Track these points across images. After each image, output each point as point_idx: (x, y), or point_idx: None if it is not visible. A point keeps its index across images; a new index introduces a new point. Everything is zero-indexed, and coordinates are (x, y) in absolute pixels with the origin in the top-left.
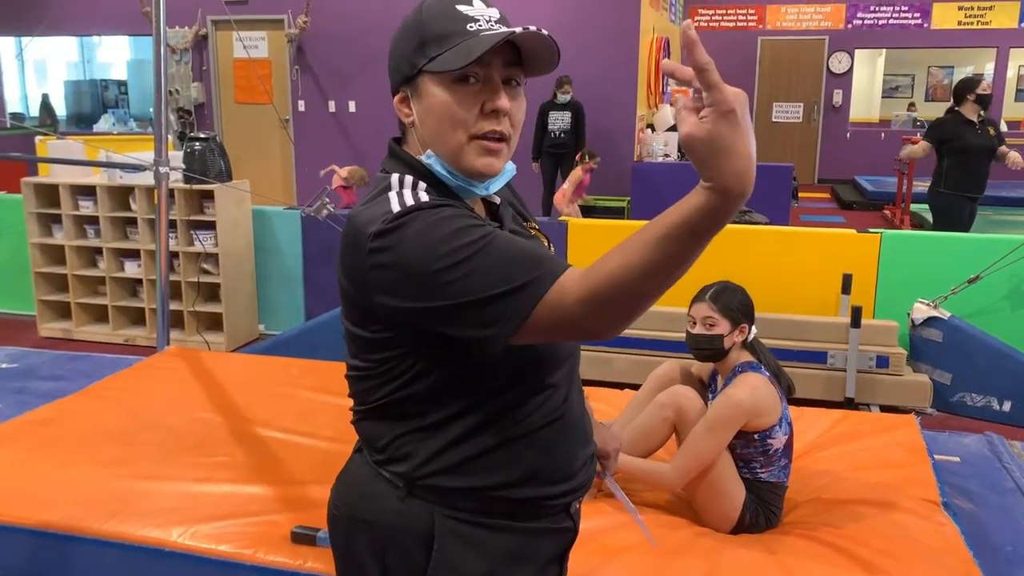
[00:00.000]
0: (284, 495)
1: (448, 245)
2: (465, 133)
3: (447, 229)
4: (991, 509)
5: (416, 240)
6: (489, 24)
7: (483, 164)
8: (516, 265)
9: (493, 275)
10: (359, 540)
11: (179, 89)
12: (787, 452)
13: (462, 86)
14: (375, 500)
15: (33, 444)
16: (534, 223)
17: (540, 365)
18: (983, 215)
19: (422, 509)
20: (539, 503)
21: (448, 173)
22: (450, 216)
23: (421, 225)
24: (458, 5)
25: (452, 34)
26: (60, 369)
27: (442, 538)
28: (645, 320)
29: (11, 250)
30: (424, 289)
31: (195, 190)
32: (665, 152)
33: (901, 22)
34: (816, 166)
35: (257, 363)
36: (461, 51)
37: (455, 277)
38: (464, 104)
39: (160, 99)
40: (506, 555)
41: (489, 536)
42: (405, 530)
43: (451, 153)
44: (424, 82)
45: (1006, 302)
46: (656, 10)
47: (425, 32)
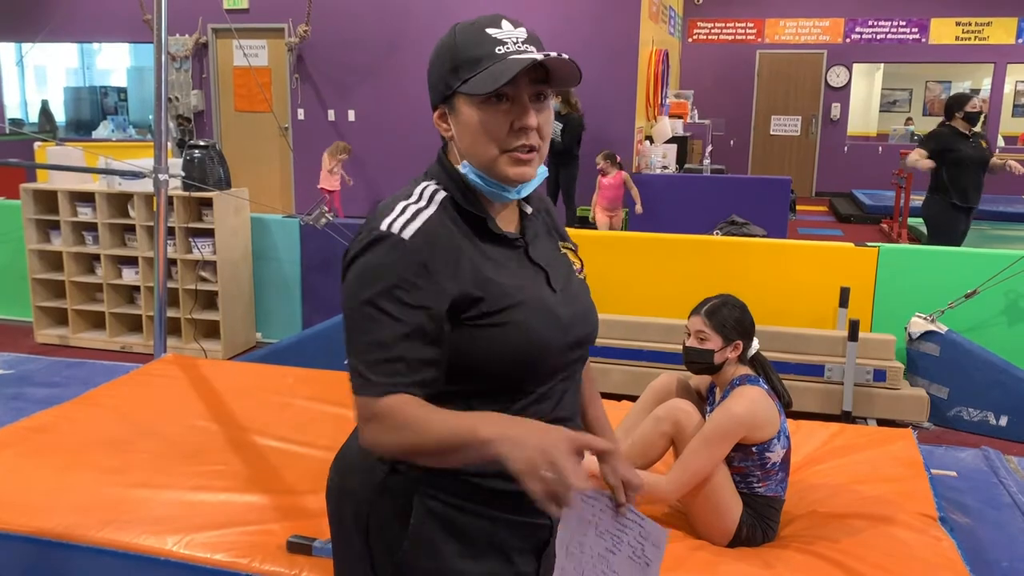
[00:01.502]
0: (280, 504)
1: (362, 294)
2: (497, 148)
3: (381, 281)
4: (988, 524)
5: (365, 272)
6: (517, 45)
7: (516, 173)
8: (380, 352)
9: (365, 347)
10: (346, 510)
11: (179, 96)
12: (784, 466)
13: (493, 106)
14: (362, 474)
15: (29, 451)
16: (569, 244)
17: (523, 379)
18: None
19: (402, 487)
20: (514, 496)
21: (482, 181)
22: (394, 275)
23: (375, 260)
24: (488, 28)
25: (482, 57)
26: (56, 376)
27: (419, 516)
28: (643, 332)
29: (9, 256)
30: (345, 304)
31: (194, 197)
32: (663, 164)
33: (899, 37)
34: (814, 179)
35: (254, 371)
36: (491, 75)
37: (351, 320)
38: (495, 122)
39: (160, 106)
40: (480, 541)
41: (465, 520)
42: (385, 505)
43: (486, 165)
44: (459, 102)
45: (1003, 317)
46: (656, 23)
47: (458, 56)
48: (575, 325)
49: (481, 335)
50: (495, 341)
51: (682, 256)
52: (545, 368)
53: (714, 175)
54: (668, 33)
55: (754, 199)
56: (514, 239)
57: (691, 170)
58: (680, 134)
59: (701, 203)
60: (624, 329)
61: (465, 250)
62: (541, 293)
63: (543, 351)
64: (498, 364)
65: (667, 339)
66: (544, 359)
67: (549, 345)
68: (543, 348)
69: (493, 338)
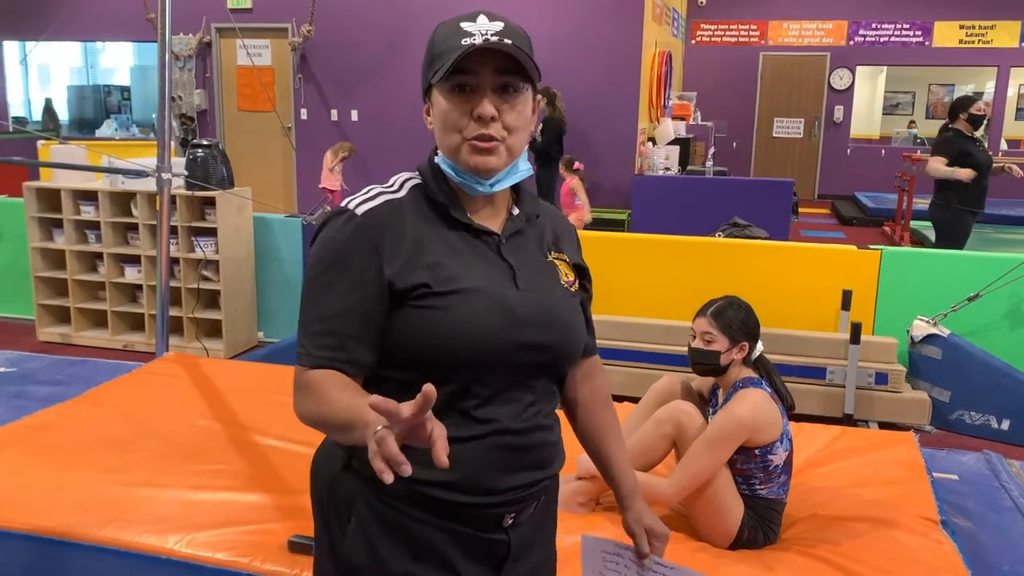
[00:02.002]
0: (281, 503)
1: (316, 267)
2: (459, 136)
3: (326, 254)
4: (989, 527)
5: (318, 245)
6: (486, 36)
7: (475, 162)
8: (317, 326)
9: (307, 319)
10: (314, 493)
11: (182, 95)
12: (787, 468)
13: (456, 95)
14: (327, 462)
15: (30, 449)
16: (564, 255)
17: (456, 368)
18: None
19: (352, 482)
20: (460, 508)
21: (453, 171)
22: (339, 246)
23: (324, 233)
24: (463, 23)
25: (450, 50)
26: (59, 374)
27: (361, 513)
28: (645, 333)
29: (11, 254)
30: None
31: (197, 196)
32: (666, 165)
33: (903, 40)
34: (816, 182)
35: (256, 370)
36: (446, 63)
37: (304, 290)
38: (456, 111)
39: (163, 105)
40: (423, 548)
41: (409, 525)
42: (338, 496)
43: (451, 154)
44: (434, 93)
45: (1006, 320)
46: (659, 24)
47: (433, 50)
48: (533, 327)
49: (421, 317)
50: (432, 325)
51: (684, 258)
52: (484, 363)
53: (717, 177)
54: (671, 35)
55: (756, 201)
56: (484, 230)
57: (694, 172)
58: (683, 136)
59: (703, 205)
60: (626, 330)
61: (422, 234)
62: (498, 287)
63: (481, 343)
64: (434, 350)
65: (669, 340)
66: (482, 352)
67: (490, 337)
68: (482, 339)
69: (431, 321)
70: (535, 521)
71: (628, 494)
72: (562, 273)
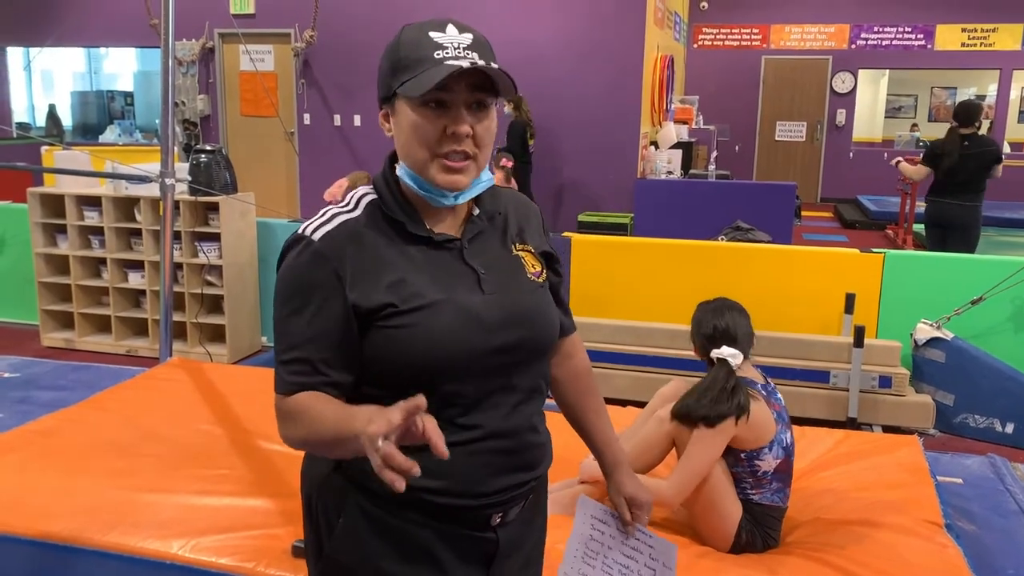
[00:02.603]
0: (285, 508)
1: (280, 293)
2: (429, 152)
3: (288, 284)
4: (994, 531)
5: (281, 274)
6: (457, 51)
7: (445, 180)
8: (291, 352)
9: (280, 348)
10: (303, 493)
11: (185, 101)
12: (780, 477)
13: (427, 110)
14: (315, 465)
15: (35, 454)
16: (528, 246)
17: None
18: (986, 236)
19: (341, 483)
20: (448, 509)
21: (416, 184)
22: (300, 274)
23: (288, 261)
24: (431, 32)
25: (421, 60)
26: (62, 379)
27: (350, 513)
28: (648, 337)
29: (15, 260)
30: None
31: (200, 202)
32: (668, 169)
33: (905, 43)
34: (819, 185)
35: (259, 375)
36: (426, 78)
37: (274, 320)
38: (428, 127)
39: (167, 111)
40: (411, 547)
41: (397, 524)
42: (327, 496)
43: (418, 168)
44: (398, 103)
45: (1009, 323)
46: (660, 28)
47: (399, 57)
48: (502, 330)
49: (390, 336)
50: (402, 343)
51: (687, 262)
52: (460, 372)
53: (719, 181)
54: (673, 39)
55: (759, 205)
56: (444, 240)
57: (696, 176)
58: (685, 140)
59: (706, 209)
60: (629, 334)
61: (382, 253)
62: (463, 295)
63: (453, 354)
64: (407, 367)
65: (672, 344)
66: (456, 362)
67: (462, 346)
68: (453, 350)
69: (400, 339)
70: (523, 520)
71: (610, 464)
72: (528, 265)
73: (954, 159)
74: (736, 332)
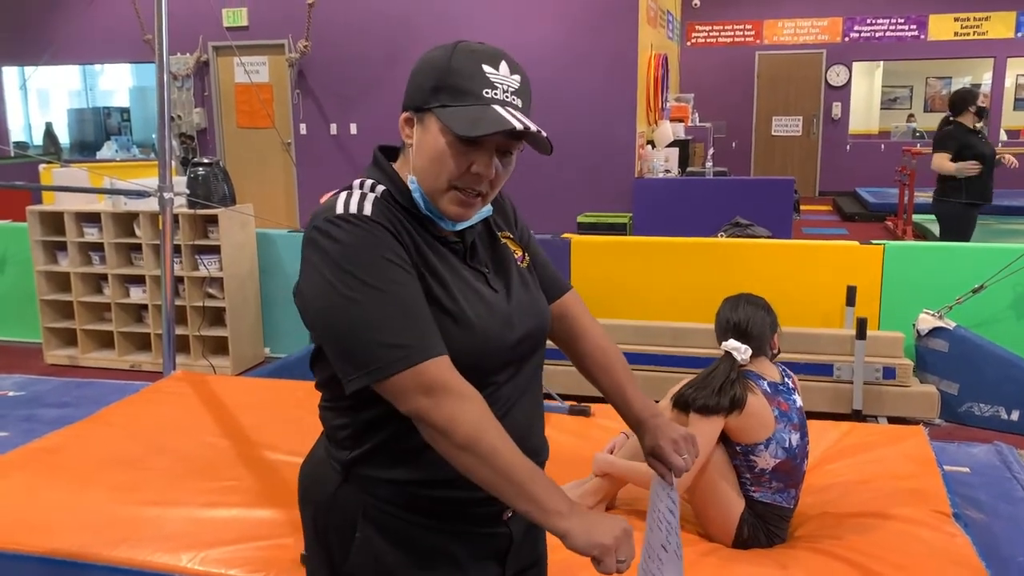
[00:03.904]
0: (293, 518)
1: (354, 272)
2: (447, 180)
3: (360, 257)
4: (1002, 519)
5: (333, 251)
6: (505, 95)
7: (454, 212)
8: (403, 323)
9: (377, 322)
10: (308, 518)
11: (181, 115)
12: (781, 477)
13: (459, 144)
14: (319, 483)
15: (41, 471)
16: (508, 233)
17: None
18: (986, 224)
19: (353, 497)
20: (460, 506)
21: (424, 203)
22: (370, 244)
23: (345, 238)
24: (485, 65)
25: (468, 93)
26: (67, 396)
27: (365, 527)
28: (652, 336)
29: (17, 278)
30: (322, 300)
31: (199, 215)
32: (666, 168)
33: (898, 34)
34: (817, 179)
35: (263, 386)
36: (469, 118)
37: (345, 306)
38: (454, 159)
39: (163, 125)
40: (429, 552)
41: (413, 531)
42: (338, 513)
43: (431, 191)
44: (430, 119)
45: (1011, 311)
46: (654, 27)
47: (446, 78)
48: (519, 322)
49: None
50: (444, 330)
51: (687, 260)
52: (489, 364)
53: (717, 178)
54: (667, 37)
55: (758, 200)
56: (452, 241)
57: (694, 173)
58: (682, 138)
59: (705, 206)
60: (633, 334)
61: (413, 235)
62: (483, 290)
63: (485, 346)
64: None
65: (676, 343)
66: (488, 354)
67: (493, 341)
68: (486, 343)
69: (442, 327)
70: None
71: (641, 413)
72: (514, 253)
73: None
74: (749, 326)
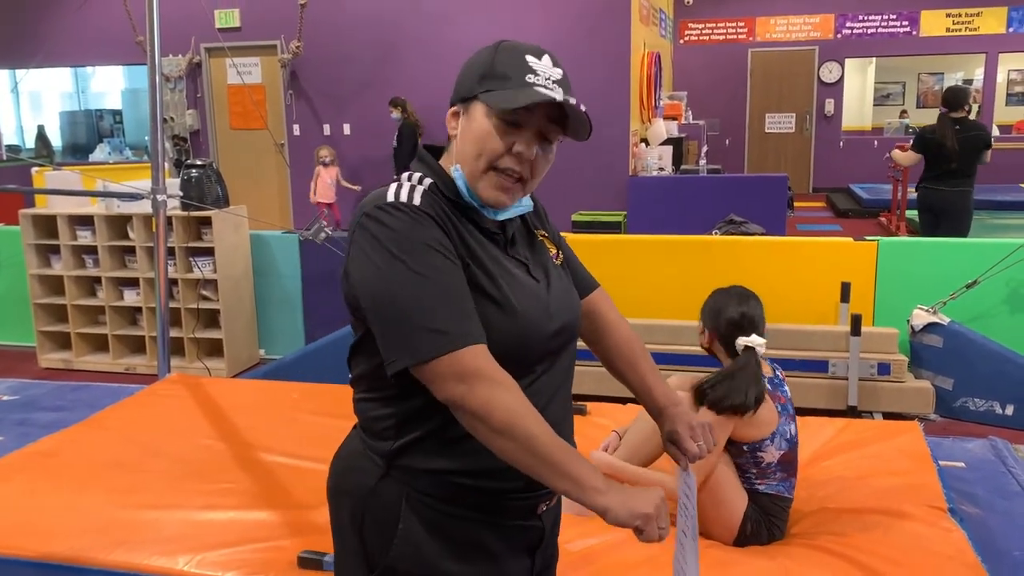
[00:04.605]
0: (290, 520)
1: (400, 257)
2: (487, 162)
3: (407, 243)
4: (997, 514)
5: (382, 236)
6: (547, 82)
7: (492, 196)
8: (444, 310)
9: (418, 308)
10: (343, 510)
11: (174, 117)
12: (785, 467)
13: (502, 124)
14: (357, 475)
15: (37, 476)
16: (544, 231)
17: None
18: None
19: (394, 489)
20: (499, 498)
21: (467, 191)
22: (417, 231)
23: (394, 224)
24: (528, 55)
25: (511, 77)
26: (62, 400)
27: (408, 518)
28: (648, 334)
29: (10, 282)
30: (369, 283)
31: (193, 217)
32: (660, 166)
33: (890, 30)
34: (810, 175)
35: (259, 388)
36: (510, 95)
37: (391, 288)
38: (497, 139)
39: (156, 127)
40: (467, 543)
41: (451, 523)
42: (379, 506)
43: (471, 174)
44: (475, 107)
45: (1005, 306)
46: (646, 25)
47: (491, 68)
48: (557, 313)
49: (480, 313)
50: (488, 317)
51: (682, 257)
52: (533, 354)
53: (711, 175)
54: (659, 35)
55: (751, 197)
56: (495, 232)
57: (687, 171)
58: (675, 136)
59: (699, 204)
60: None
61: (458, 226)
62: (525, 280)
63: (528, 335)
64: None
65: (673, 340)
66: (532, 343)
67: (535, 330)
68: (528, 331)
69: (487, 314)
70: (555, 507)
71: (662, 400)
72: (550, 250)
73: (946, 144)
74: (757, 320)
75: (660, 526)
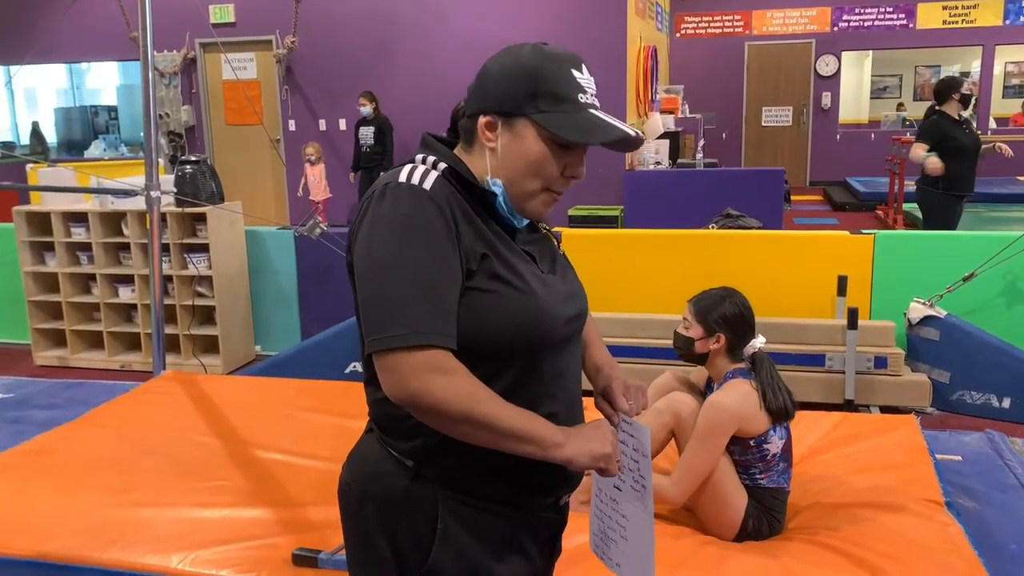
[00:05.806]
0: (284, 517)
1: (393, 239)
2: (542, 184)
3: (404, 227)
4: (994, 507)
5: (383, 216)
6: (592, 98)
7: (540, 212)
8: (418, 305)
9: (396, 296)
10: (369, 514)
11: (169, 113)
12: (786, 456)
13: (556, 148)
14: (384, 478)
15: (31, 474)
16: (544, 224)
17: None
18: (975, 212)
19: (428, 489)
20: (530, 491)
21: (504, 201)
22: (418, 219)
23: (396, 205)
24: (572, 68)
25: (565, 99)
26: (56, 397)
27: (445, 518)
28: (643, 328)
29: (4, 279)
30: (360, 260)
31: (187, 213)
32: (656, 160)
33: (887, 23)
34: (807, 169)
35: (254, 385)
36: (577, 126)
37: (375, 269)
38: (553, 164)
39: (149, 123)
40: (501, 539)
41: (487, 521)
42: (412, 507)
43: (521, 194)
44: (523, 126)
45: (1002, 299)
46: (642, 19)
47: (540, 83)
48: (569, 301)
49: (488, 300)
50: (506, 304)
51: (679, 251)
52: (549, 337)
53: (707, 169)
54: (655, 29)
55: (748, 191)
56: (505, 223)
57: (684, 165)
58: (672, 130)
59: (696, 198)
60: (624, 326)
61: (472, 219)
62: (535, 270)
63: (544, 323)
64: (509, 329)
65: (667, 335)
66: (549, 329)
67: (550, 317)
68: (544, 319)
69: (502, 301)
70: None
71: (599, 359)
72: (553, 242)
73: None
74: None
75: (617, 460)
